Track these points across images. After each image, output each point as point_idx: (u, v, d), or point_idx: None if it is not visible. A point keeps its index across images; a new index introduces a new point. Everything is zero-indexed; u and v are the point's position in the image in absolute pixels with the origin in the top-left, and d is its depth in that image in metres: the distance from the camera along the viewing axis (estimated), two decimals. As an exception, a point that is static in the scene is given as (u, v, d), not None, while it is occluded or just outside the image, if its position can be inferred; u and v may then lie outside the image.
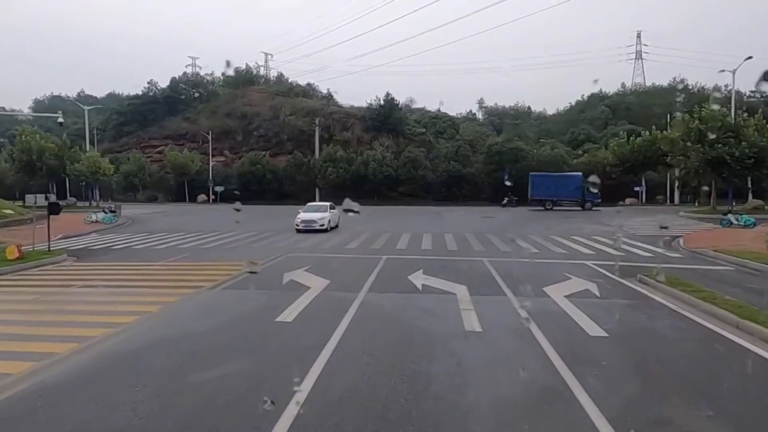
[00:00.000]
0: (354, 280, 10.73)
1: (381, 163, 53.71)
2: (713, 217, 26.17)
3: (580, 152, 57.01)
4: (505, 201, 41.37)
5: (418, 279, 10.66)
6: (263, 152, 63.61)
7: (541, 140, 64.84)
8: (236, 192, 51.64)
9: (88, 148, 44.66)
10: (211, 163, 58.00)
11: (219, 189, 56.78)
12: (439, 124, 68.58)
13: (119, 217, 29.32)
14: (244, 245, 17.51)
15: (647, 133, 42.85)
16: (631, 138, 44.56)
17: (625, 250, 15.64)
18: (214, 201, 56.63)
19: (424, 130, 65.09)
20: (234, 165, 62.16)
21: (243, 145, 68.45)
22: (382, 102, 63.66)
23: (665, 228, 25.84)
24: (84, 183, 44.35)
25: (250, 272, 11.73)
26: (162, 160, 62.07)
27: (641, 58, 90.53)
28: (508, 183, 51.05)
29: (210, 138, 59.32)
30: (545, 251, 15.51)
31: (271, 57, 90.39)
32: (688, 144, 28.25)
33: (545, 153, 52.30)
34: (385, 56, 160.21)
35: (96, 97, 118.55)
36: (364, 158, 54.78)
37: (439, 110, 76.15)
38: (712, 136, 26.81)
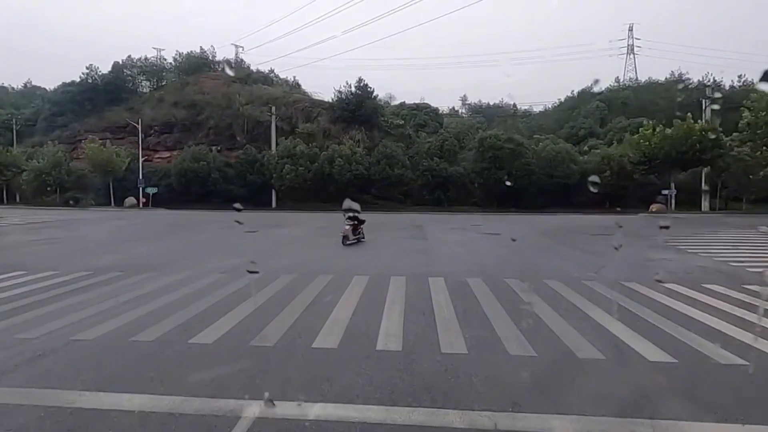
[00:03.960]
0: None
1: (349, 159, 44.16)
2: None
3: (586, 148, 48.49)
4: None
5: None
6: (212, 146, 53.70)
7: (535, 136, 56.29)
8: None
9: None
10: (141, 159, 47.62)
11: (151, 191, 46.67)
12: (420, 116, 59.31)
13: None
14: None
15: (681, 122, 34.24)
16: (657, 130, 35.87)
17: None
18: (146, 205, 46.36)
19: (403, 122, 55.78)
20: (174, 162, 51.79)
21: (190, 139, 58.17)
22: (353, 89, 54.14)
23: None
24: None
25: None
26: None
27: (633, 53, 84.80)
28: (508, 183, 42.49)
29: (140, 128, 48.92)
30: (685, 353, 6.14)
31: (242, 50, 79.73)
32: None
33: (549, 149, 43.46)
34: (362, 49, 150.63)
35: (45, 89, 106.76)
36: (329, 154, 45.16)
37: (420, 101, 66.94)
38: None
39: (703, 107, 37.03)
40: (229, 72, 73.99)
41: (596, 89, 77.98)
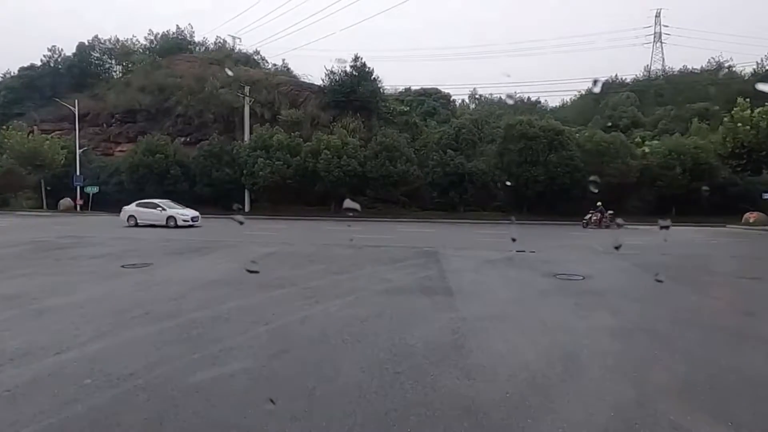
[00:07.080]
0: None
1: (339, 152, 34.61)
2: None
3: (638, 139, 38.81)
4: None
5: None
6: (178, 137, 44.50)
7: (565, 127, 46.63)
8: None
9: None
10: (77, 151, 38.38)
11: (91, 190, 37.48)
12: (429, 102, 49.62)
13: None
14: None
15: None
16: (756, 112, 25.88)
17: None
18: (83, 207, 37.12)
19: (408, 108, 46.15)
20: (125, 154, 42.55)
21: (156, 128, 48.80)
22: (348, 69, 44.63)
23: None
24: None
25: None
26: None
27: (661, 41, 76.49)
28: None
29: (77, 114, 39.75)
30: None
31: (240, 41, 70.24)
32: None
33: (596, 138, 33.73)
34: (363, 39, 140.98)
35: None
36: (314, 145, 35.65)
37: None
38: None
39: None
40: (229, 72, 63.29)
41: (621, 78, 70.67)
